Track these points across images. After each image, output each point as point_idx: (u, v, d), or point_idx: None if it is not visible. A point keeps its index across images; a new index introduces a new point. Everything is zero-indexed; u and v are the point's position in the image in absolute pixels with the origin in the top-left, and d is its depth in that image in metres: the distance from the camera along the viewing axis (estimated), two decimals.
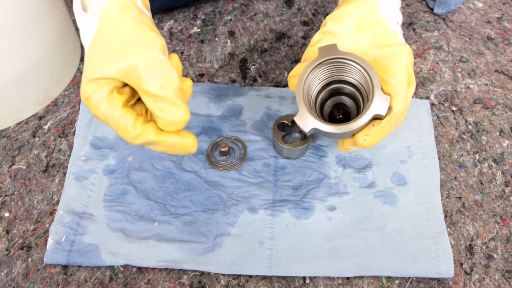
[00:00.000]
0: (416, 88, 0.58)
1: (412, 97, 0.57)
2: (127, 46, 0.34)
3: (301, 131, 0.44)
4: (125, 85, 0.36)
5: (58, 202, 0.49)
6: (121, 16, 0.35)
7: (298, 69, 0.42)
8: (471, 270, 0.44)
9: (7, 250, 0.47)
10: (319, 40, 0.42)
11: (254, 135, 0.53)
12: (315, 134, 0.53)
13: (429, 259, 0.44)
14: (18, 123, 0.57)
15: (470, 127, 0.55)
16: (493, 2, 0.69)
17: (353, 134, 0.40)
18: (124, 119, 0.34)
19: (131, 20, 0.35)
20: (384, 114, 0.37)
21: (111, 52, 0.34)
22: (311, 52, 0.42)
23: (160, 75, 0.34)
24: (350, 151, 0.44)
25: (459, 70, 0.60)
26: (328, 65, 0.41)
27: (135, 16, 0.35)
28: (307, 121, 0.38)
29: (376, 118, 0.38)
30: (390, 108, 0.38)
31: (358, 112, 0.43)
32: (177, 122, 0.35)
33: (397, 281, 0.44)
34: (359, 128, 0.38)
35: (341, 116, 0.44)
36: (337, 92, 0.44)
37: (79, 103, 0.57)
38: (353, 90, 0.43)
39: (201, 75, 0.61)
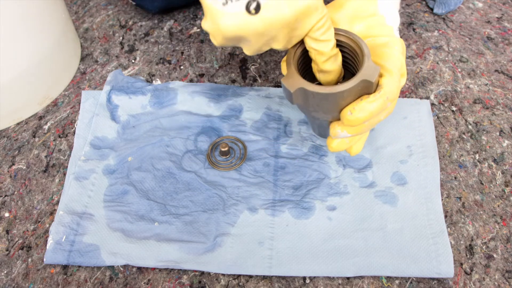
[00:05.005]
0: (416, 88, 0.58)
1: (412, 97, 0.57)
2: None
3: None
4: None
5: (58, 202, 0.49)
6: None
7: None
8: (471, 270, 0.44)
9: (7, 250, 0.47)
10: None
11: (254, 135, 0.53)
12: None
13: (429, 259, 0.44)
14: (18, 123, 0.57)
15: (470, 127, 0.54)
16: (493, 2, 0.69)
17: (340, 110, 0.39)
18: None
19: None
20: (373, 81, 0.36)
21: None
22: None
23: None
24: (339, 140, 0.42)
25: (459, 70, 0.60)
26: None
27: None
28: (294, 81, 0.37)
29: (365, 93, 0.38)
30: (380, 86, 0.38)
31: None
32: None
33: (397, 281, 0.44)
34: (346, 93, 0.37)
35: None
36: None
37: (79, 103, 0.57)
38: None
39: (201, 75, 0.61)
